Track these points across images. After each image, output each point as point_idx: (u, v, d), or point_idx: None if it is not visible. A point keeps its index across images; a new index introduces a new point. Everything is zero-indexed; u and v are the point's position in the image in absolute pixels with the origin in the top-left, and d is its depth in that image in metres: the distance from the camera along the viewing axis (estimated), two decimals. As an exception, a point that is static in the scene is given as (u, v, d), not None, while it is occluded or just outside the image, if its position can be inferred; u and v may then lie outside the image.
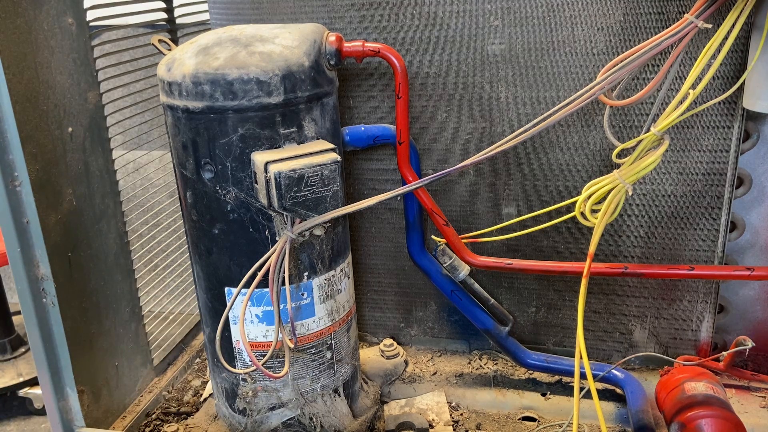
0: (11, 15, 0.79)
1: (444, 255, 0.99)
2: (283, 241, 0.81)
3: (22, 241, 0.84)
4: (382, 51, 0.87)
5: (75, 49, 0.92)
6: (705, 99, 0.86)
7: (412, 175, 0.96)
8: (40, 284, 0.87)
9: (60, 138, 0.89)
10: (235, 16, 1.02)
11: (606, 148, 0.94)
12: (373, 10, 0.96)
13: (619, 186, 0.80)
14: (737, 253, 0.97)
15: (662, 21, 0.86)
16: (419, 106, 0.99)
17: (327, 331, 0.90)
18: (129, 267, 1.06)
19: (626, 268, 0.89)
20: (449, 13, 0.93)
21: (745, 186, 0.93)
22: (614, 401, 1.01)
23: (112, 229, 1.01)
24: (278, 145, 0.80)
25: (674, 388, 0.89)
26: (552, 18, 0.90)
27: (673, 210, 0.96)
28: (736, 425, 0.81)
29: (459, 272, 0.99)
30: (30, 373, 1.62)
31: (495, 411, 1.03)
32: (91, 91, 0.96)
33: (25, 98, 0.82)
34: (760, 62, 0.79)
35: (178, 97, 0.79)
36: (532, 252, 1.03)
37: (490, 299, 1.05)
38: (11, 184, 0.82)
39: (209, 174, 0.81)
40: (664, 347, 1.04)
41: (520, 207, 1.01)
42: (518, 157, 0.99)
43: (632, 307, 1.03)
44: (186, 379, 1.15)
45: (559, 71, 0.92)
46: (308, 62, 0.80)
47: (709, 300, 0.99)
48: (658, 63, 0.87)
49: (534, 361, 1.05)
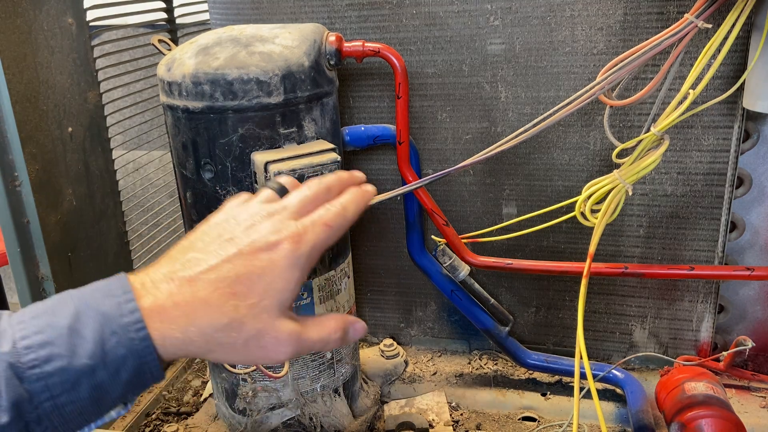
0: (11, 15, 0.79)
1: (444, 255, 0.99)
2: (283, 241, 0.80)
3: (22, 241, 0.85)
4: (382, 51, 0.87)
5: (75, 49, 0.92)
6: (705, 99, 0.86)
7: (412, 175, 0.96)
8: (40, 284, 0.87)
9: (60, 138, 0.89)
10: (235, 16, 1.02)
11: (606, 148, 0.94)
12: (373, 10, 0.96)
13: (619, 186, 0.80)
14: (737, 253, 0.97)
15: (662, 21, 0.86)
16: (419, 106, 0.99)
17: (327, 331, 0.90)
18: (129, 267, 1.06)
19: (626, 268, 0.89)
20: (449, 13, 0.93)
21: (745, 186, 0.93)
22: (614, 401, 1.01)
23: (112, 229, 1.01)
24: (278, 145, 0.80)
25: (674, 388, 0.89)
26: (552, 18, 0.90)
27: (673, 210, 0.96)
28: (736, 425, 0.81)
29: (459, 272, 0.99)
30: (30, 373, 1.62)
31: (495, 411, 1.03)
32: (91, 91, 0.96)
33: (25, 98, 0.82)
34: (760, 62, 0.79)
35: (178, 97, 0.79)
36: (532, 252, 1.03)
37: (490, 299, 1.05)
38: (11, 184, 0.82)
39: (209, 174, 0.81)
40: (664, 347, 1.04)
41: (520, 207, 1.01)
42: (518, 157, 0.99)
43: (632, 307, 1.03)
44: (186, 379, 1.15)
45: (559, 71, 0.92)
46: (308, 62, 0.80)
47: (709, 300, 0.99)
48: (658, 63, 0.87)
49: (534, 361, 1.05)
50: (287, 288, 0.52)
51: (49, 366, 0.45)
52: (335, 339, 0.56)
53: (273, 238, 0.52)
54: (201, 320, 0.50)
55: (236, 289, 0.51)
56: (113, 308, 0.47)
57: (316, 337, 0.55)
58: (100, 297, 0.48)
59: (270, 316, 0.52)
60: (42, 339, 0.45)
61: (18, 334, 0.45)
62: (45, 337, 0.45)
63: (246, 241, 0.52)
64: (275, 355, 0.53)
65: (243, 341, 0.51)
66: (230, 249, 0.52)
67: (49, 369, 0.45)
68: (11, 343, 0.44)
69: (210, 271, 0.51)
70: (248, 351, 0.52)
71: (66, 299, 0.48)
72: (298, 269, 0.52)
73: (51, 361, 0.45)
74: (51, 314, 0.46)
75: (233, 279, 0.51)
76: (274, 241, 0.52)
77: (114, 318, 0.47)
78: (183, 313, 0.49)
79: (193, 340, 0.50)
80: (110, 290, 0.49)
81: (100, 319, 0.47)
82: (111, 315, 0.47)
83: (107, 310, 0.47)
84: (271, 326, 0.52)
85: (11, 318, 0.47)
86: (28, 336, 0.45)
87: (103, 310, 0.47)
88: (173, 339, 0.49)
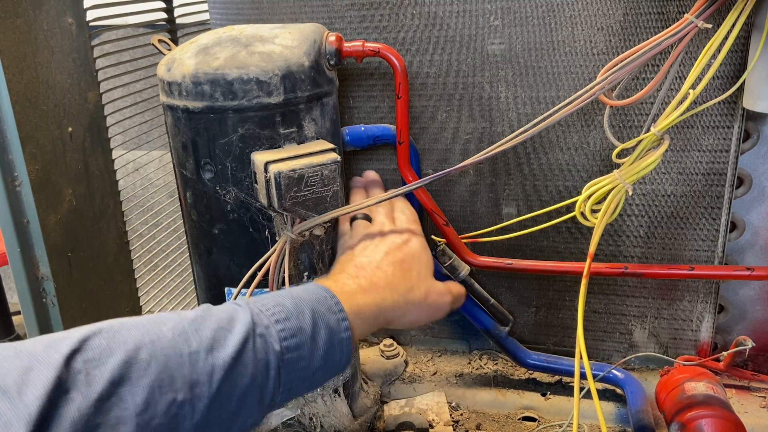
0: (11, 15, 0.79)
1: (444, 255, 0.99)
2: (283, 241, 0.81)
3: (22, 241, 0.85)
4: (382, 51, 0.87)
5: (75, 49, 0.92)
6: (705, 99, 0.86)
7: (412, 175, 0.96)
8: (40, 284, 0.87)
9: (60, 138, 0.89)
10: (235, 16, 1.02)
11: (606, 148, 0.94)
12: (373, 10, 0.96)
13: (619, 186, 0.80)
14: (737, 253, 0.97)
15: (662, 21, 0.86)
16: (419, 106, 0.99)
17: (327, 331, 0.90)
18: (129, 267, 1.06)
19: (626, 268, 0.89)
20: (449, 13, 0.93)
21: (745, 186, 0.93)
22: (614, 401, 1.01)
23: (112, 229, 1.01)
24: (278, 145, 0.80)
25: (674, 388, 0.89)
26: (552, 18, 0.90)
27: (673, 210, 0.96)
28: (736, 425, 0.81)
29: (459, 272, 0.99)
30: (30, 373, 1.61)
31: (495, 411, 1.03)
32: (91, 91, 0.96)
33: (25, 98, 0.82)
34: (760, 62, 0.79)
35: (177, 97, 0.79)
36: (532, 252, 1.03)
37: (490, 299, 1.05)
38: (11, 184, 0.82)
39: (209, 174, 0.81)
40: (664, 347, 1.04)
41: (520, 207, 1.01)
42: (518, 157, 0.99)
43: (632, 307, 1.03)
44: (186, 379, 1.15)
45: (559, 71, 0.92)
46: (308, 62, 0.80)
47: (709, 300, 0.99)
48: (658, 63, 0.87)
49: (534, 361, 1.05)
50: (430, 260, 0.82)
51: (297, 365, 0.62)
52: (462, 294, 0.86)
53: (404, 237, 0.82)
54: (394, 292, 0.74)
55: (405, 267, 0.77)
56: (335, 324, 0.65)
57: (456, 289, 0.84)
58: (325, 312, 0.66)
59: (430, 279, 0.80)
60: (295, 343, 0.62)
61: (281, 334, 0.61)
62: (297, 341, 0.62)
63: (389, 243, 0.80)
64: (442, 305, 0.80)
65: (419, 299, 0.76)
66: (383, 248, 0.79)
67: (296, 367, 0.62)
68: (278, 342, 0.61)
69: (384, 260, 0.77)
70: (423, 307, 0.77)
71: (302, 307, 0.64)
72: (427, 248, 0.83)
73: (299, 362, 0.62)
74: (297, 319, 0.63)
75: (400, 262, 0.77)
76: (406, 238, 0.82)
77: (336, 332, 0.65)
78: (374, 299, 0.72)
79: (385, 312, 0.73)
80: (329, 306, 0.67)
81: (329, 332, 0.64)
82: (334, 330, 0.65)
83: (333, 325, 0.65)
84: (433, 284, 0.80)
85: (269, 315, 0.62)
86: (287, 338, 0.61)
87: (330, 325, 0.65)
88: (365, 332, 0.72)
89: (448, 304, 0.81)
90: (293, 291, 0.68)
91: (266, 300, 0.64)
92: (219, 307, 0.62)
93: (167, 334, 0.55)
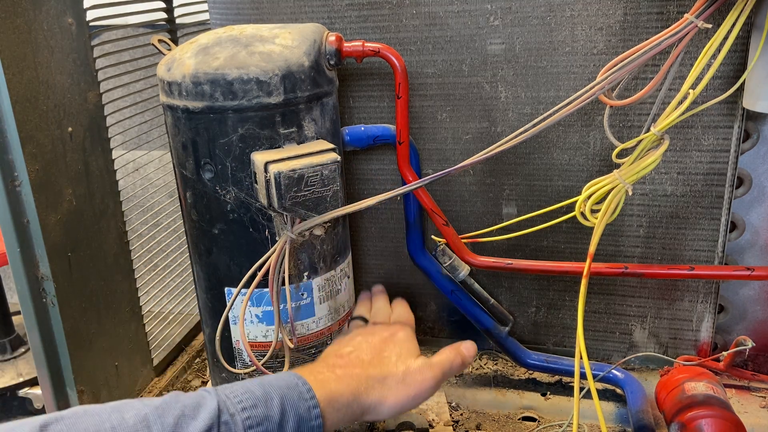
0: (11, 15, 0.79)
1: (444, 255, 0.99)
2: (283, 241, 0.81)
3: (22, 241, 0.84)
4: (382, 51, 0.87)
5: (75, 49, 0.92)
6: (705, 99, 0.86)
7: (412, 175, 0.96)
8: (40, 284, 0.87)
9: (60, 138, 0.89)
10: (235, 16, 1.02)
11: (606, 148, 0.94)
12: (373, 10, 0.96)
13: (619, 186, 0.80)
14: (737, 253, 0.97)
15: (662, 21, 0.86)
16: (419, 106, 0.99)
17: (327, 331, 0.90)
18: (129, 267, 1.06)
19: (626, 268, 0.89)
20: (449, 13, 0.93)
21: (745, 186, 0.93)
22: (614, 401, 1.01)
23: (112, 229, 1.01)
24: (278, 145, 0.80)
25: (674, 388, 0.89)
26: (552, 18, 0.90)
27: (673, 210, 0.96)
28: (736, 425, 0.81)
29: (459, 272, 0.99)
30: (30, 373, 1.62)
31: (495, 411, 1.03)
32: (90, 91, 0.96)
33: (25, 98, 0.82)
34: (760, 62, 0.79)
35: (177, 97, 0.79)
36: (532, 252, 1.03)
37: (490, 299, 1.05)
38: (11, 184, 0.82)
39: (209, 174, 0.81)
40: (664, 347, 1.04)
41: (520, 207, 1.01)
42: (518, 157, 0.99)
43: (632, 307, 1.03)
44: (186, 379, 1.15)
45: (559, 71, 0.92)
46: (308, 62, 0.80)
47: (709, 300, 0.99)
48: (658, 63, 0.87)
49: (534, 361, 1.05)
50: (414, 346, 0.81)
51: None
52: (458, 362, 0.82)
53: (393, 329, 0.83)
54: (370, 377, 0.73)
55: (385, 352, 0.77)
56: (305, 412, 0.65)
57: (437, 360, 0.80)
58: (296, 399, 0.65)
59: (411, 359, 0.77)
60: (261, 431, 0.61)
61: (247, 422, 0.61)
62: (262, 429, 0.61)
63: (376, 335, 0.81)
64: (422, 382, 0.76)
65: (397, 380, 0.74)
66: (369, 338, 0.80)
67: None
68: (243, 431, 0.60)
69: (366, 348, 0.78)
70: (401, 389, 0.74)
71: (271, 394, 0.64)
72: (413, 338, 0.83)
73: None
74: (264, 406, 0.62)
75: (380, 348, 0.78)
76: (394, 330, 0.83)
77: (306, 420, 0.64)
78: (348, 386, 0.71)
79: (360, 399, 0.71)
80: (301, 393, 0.66)
81: (297, 420, 0.63)
82: (304, 417, 0.64)
83: (303, 413, 0.64)
84: (411, 364, 0.77)
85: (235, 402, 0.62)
86: (252, 427, 0.61)
87: (300, 413, 0.64)
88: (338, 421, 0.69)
89: (430, 380, 0.76)
90: (265, 378, 0.67)
91: (236, 387, 0.64)
92: (188, 394, 0.62)
93: (129, 421, 0.55)
